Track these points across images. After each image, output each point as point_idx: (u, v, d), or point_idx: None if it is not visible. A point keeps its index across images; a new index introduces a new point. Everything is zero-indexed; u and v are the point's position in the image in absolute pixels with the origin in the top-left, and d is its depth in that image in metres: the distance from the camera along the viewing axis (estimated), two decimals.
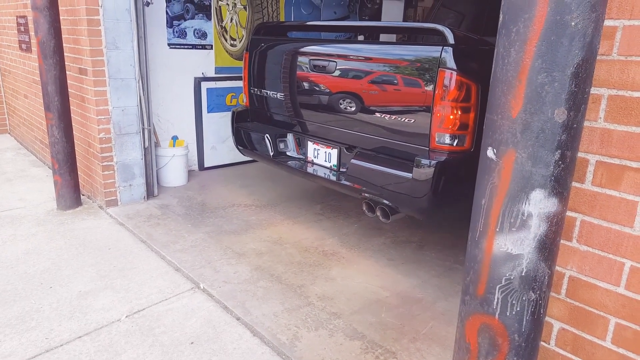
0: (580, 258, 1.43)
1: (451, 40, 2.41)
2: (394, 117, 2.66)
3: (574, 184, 1.40)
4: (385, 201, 2.75)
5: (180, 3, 4.48)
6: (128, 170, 3.87)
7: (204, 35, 4.70)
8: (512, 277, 1.22)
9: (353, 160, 2.89)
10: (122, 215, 3.70)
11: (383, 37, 5.79)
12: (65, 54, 3.72)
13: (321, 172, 3.19)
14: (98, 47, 3.52)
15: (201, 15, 4.64)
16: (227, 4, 4.83)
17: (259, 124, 3.68)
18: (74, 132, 3.80)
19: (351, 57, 2.89)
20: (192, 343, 2.26)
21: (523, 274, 1.21)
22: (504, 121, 1.17)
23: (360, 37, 5.57)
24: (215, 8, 4.74)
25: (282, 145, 3.45)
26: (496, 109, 1.19)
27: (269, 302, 2.60)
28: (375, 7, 6.30)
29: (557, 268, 1.46)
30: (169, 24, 4.45)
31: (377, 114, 2.74)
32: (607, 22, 1.27)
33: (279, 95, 3.39)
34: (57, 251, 3.10)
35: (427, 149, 2.53)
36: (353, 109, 2.89)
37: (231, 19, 4.90)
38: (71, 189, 3.76)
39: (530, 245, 1.19)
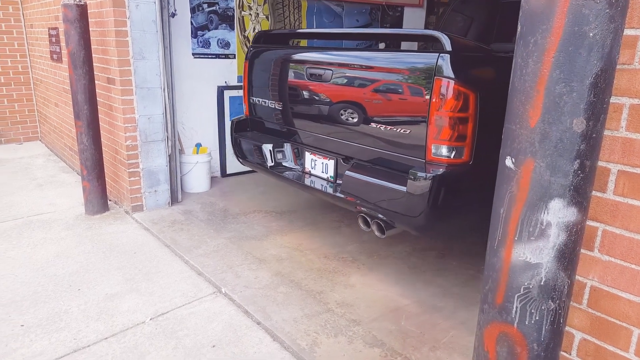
0: (602, 268, 1.42)
1: (448, 46, 2.29)
2: (389, 127, 2.56)
3: (595, 193, 1.39)
4: (380, 215, 2.64)
5: (204, 14, 4.59)
6: (153, 176, 3.97)
7: (227, 44, 4.80)
8: (530, 286, 1.22)
9: (347, 172, 2.77)
10: (147, 220, 3.80)
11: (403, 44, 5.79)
12: (94, 64, 3.86)
13: (318, 184, 3.09)
14: (125, 57, 3.63)
15: (224, 25, 4.74)
16: (250, 14, 4.92)
17: (258, 134, 3.61)
18: (102, 140, 3.93)
19: (345, 65, 2.80)
20: (213, 346, 2.30)
21: (542, 283, 1.21)
22: (522, 130, 1.18)
23: (382, 45, 5.59)
24: (238, 18, 4.84)
25: (279, 156, 3.37)
26: (514, 119, 1.20)
27: (288, 308, 2.63)
28: (396, 15, 6.32)
29: (578, 278, 1.45)
30: (194, 34, 4.56)
31: (373, 124, 2.64)
32: (628, 32, 1.27)
33: (277, 105, 3.32)
34: (85, 254, 3.20)
35: (424, 161, 2.41)
36: (348, 118, 2.79)
37: (254, 29, 4.99)
38: (99, 195, 3.88)
39: (550, 255, 1.19)
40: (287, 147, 3.37)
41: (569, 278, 1.25)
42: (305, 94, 3.07)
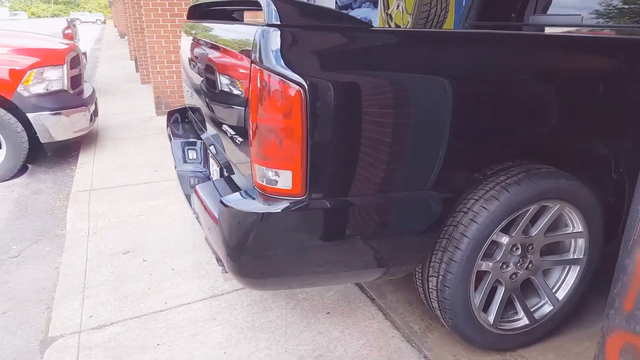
0: None
1: (274, 17, 1.49)
2: (233, 132, 1.92)
3: None
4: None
5: None
6: None
7: (369, 23, 4.83)
8: None
9: (196, 186, 2.13)
10: None
11: None
12: None
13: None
14: None
15: (368, 3, 4.76)
16: None
17: (189, 127, 3.04)
18: None
19: (202, 43, 2.21)
20: (328, 313, 2.42)
21: None
22: None
23: None
24: None
25: (192, 155, 2.72)
26: None
27: (404, 290, 2.62)
28: None
29: None
30: None
31: (224, 125, 2.02)
32: None
33: (189, 94, 2.77)
34: None
35: (253, 186, 1.75)
36: (217, 114, 2.17)
37: (397, 6, 4.92)
38: None
39: None
40: (199, 146, 2.72)
41: None
42: (197, 80, 2.45)
